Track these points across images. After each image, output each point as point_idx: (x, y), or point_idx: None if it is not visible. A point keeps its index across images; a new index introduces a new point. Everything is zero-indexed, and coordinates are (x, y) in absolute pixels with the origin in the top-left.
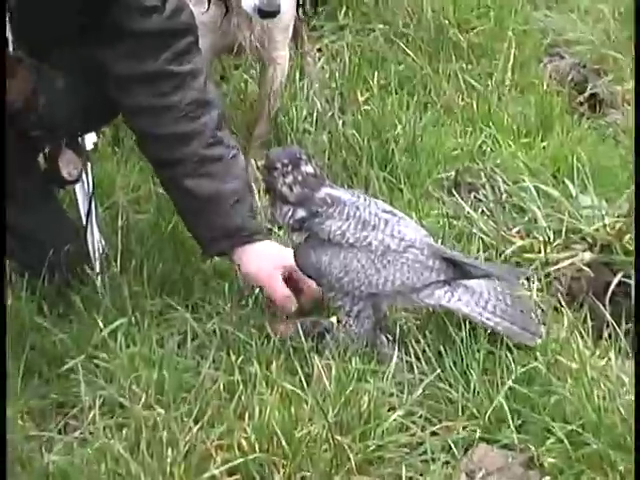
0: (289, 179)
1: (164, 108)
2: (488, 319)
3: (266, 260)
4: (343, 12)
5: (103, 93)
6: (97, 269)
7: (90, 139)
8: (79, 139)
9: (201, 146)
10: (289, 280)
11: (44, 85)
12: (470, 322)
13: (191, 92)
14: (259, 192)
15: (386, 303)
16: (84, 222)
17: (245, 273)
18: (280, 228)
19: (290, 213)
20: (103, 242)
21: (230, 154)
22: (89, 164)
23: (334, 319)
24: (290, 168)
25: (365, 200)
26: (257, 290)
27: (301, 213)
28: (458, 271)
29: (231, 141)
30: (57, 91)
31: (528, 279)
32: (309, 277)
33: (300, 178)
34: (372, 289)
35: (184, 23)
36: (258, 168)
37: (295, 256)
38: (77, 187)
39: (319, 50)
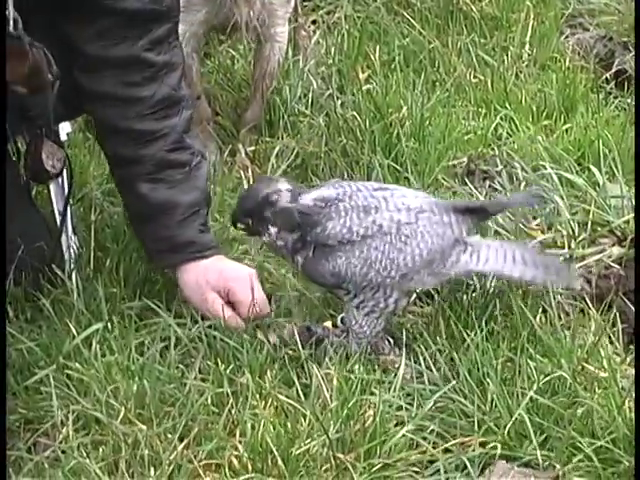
0: (268, 232)
1: (131, 100)
2: (523, 272)
3: (204, 282)
4: None
5: (70, 83)
6: (69, 269)
7: (64, 130)
8: (57, 129)
9: (164, 149)
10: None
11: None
12: (486, 324)
13: (163, 88)
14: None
15: (415, 283)
16: (57, 218)
17: (184, 296)
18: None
19: (285, 241)
20: (76, 239)
21: (194, 161)
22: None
23: (328, 323)
24: (261, 222)
25: (351, 186)
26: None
27: (297, 232)
28: (475, 216)
29: (197, 146)
30: None
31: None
32: (330, 287)
33: (279, 220)
34: (403, 270)
35: (167, 6)
36: (247, 155)
37: (308, 272)
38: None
39: (314, 22)
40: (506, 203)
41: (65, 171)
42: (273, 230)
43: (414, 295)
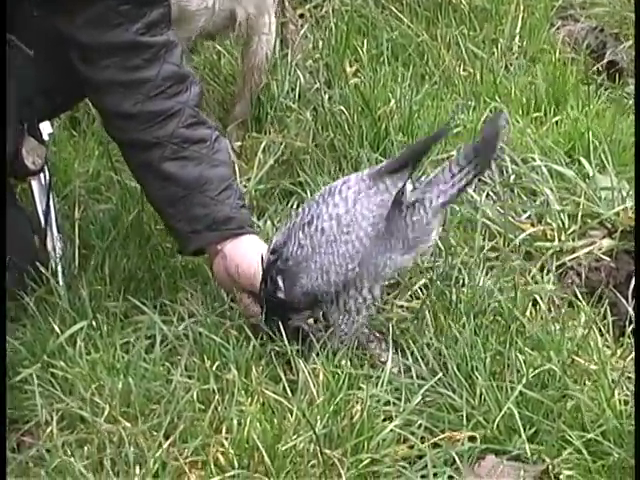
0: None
1: (136, 83)
2: (466, 176)
3: (252, 259)
4: None
5: (68, 71)
6: (53, 267)
7: (45, 130)
8: (39, 125)
9: (181, 125)
10: None
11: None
12: (475, 318)
13: (167, 66)
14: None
15: (389, 268)
16: (41, 216)
17: (226, 271)
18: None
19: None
20: (60, 237)
21: (213, 135)
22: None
23: (311, 319)
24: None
25: (302, 210)
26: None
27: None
28: (409, 166)
29: (211, 122)
30: (19, 66)
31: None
32: (311, 306)
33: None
34: (356, 257)
35: None
36: (234, 150)
37: (289, 281)
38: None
39: (301, 16)
40: (429, 139)
41: (47, 169)
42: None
43: (401, 289)
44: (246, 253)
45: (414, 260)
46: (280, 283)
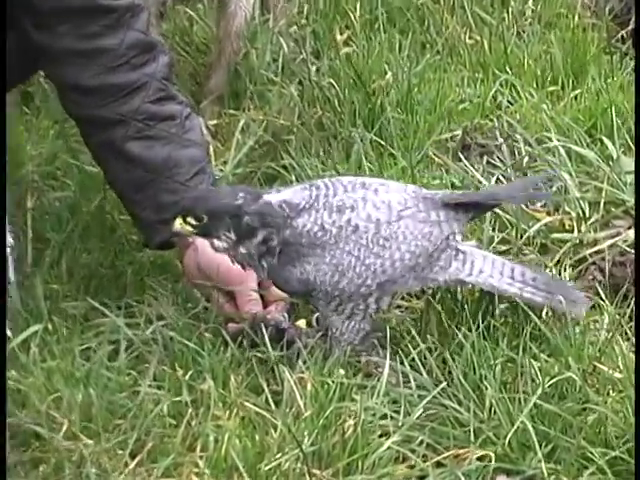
0: (225, 238)
1: (97, 52)
2: (521, 289)
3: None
4: None
5: (21, 41)
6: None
7: None
8: None
9: (148, 100)
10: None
11: None
12: (483, 320)
13: (132, 33)
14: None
15: (397, 287)
16: None
17: (198, 265)
18: None
19: (248, 249)
20: (11, 229)
21: (184, 112)
22: None
23: (302, 322)
24: (218, 224)
25: (327, 186)
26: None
27: (262, 233)
28: (469, 212)
29: (182, 97)
30: None
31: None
32: (299, 295)
33: (241, 227)
34: (380, 277)
35: None
36: (208, 129)
37: (274, 279)
38: None
39: None
40: (504, 195)
41: None
42: (230, 237)
43: None
44: (208, 253)
45: None
46: (276, 253)
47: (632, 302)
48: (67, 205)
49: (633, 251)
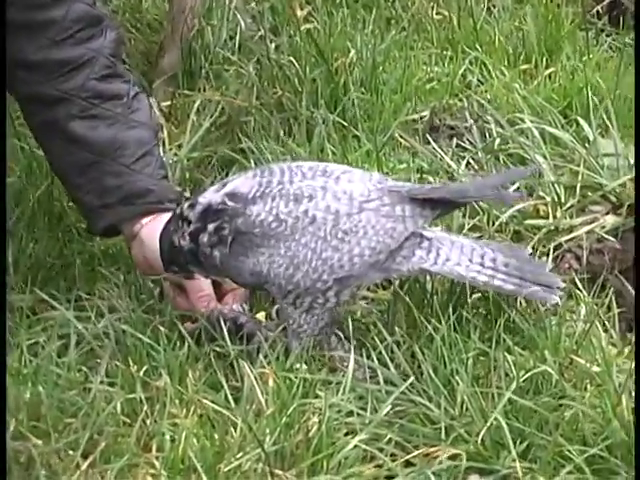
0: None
1: (40, 25)
2: (492, 277)
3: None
4: None
5: None
6: None
7: None
8: None
9: (93, 77)
10: None
11: None
12: (454, 312)
13: (77, 5)
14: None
15: (356, 284)
16: None
17: (144, 257)
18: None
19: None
20: None
21: (132, 91)
22: None
23: (261, 315)
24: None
25: (283, 172)
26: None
27: (212, 225)
28: (437, 208)
29: (130, 75)
30: None
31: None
32: (252, 288)
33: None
34: (337, 273)
35: None
36: (161, 111)
37: (226, 270)
38: None
39: None
40: (474, 193)
41: None
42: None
43: None
44: (155, 240)
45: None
46: (228, 242)
47: (610, 292)
48: (12, 192)
49: (612, 238)
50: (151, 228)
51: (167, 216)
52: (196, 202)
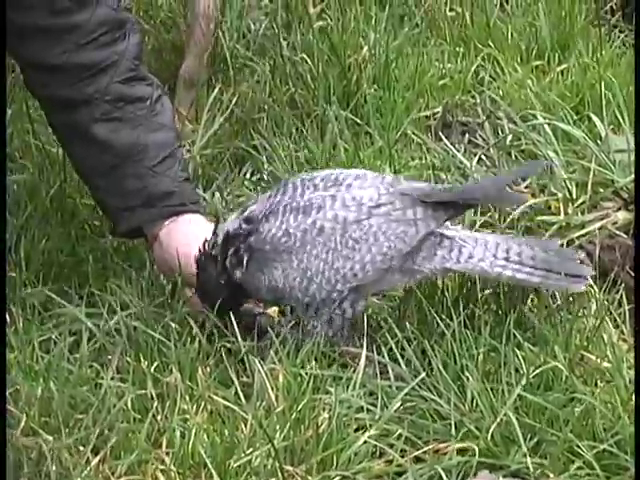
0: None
1: (65, 29)
2: (517, 271)
3: (194, 243)
4: None
5: None
6: None
7: None
8: None
9: (117, 80)
10: None
11: None
12: (465, 308)
13: (101, 9)
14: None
15: (376, 290)
16: None
17: (165, 259)
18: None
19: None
20: None
21: (154, 94)
22: None
23: (274, 311)
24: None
25: (293, 186)
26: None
27: (231, 249)
28: (449, 210)
29: (153, 78)
30: None
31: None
32: (270, 304)
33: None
34: (351, 281)
35: None
36: (178, 113)
37: (247, 290)
38: None
39: None
40: (479, 195)
41: None
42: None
43: None
44: (187, 235)
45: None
46: (244, 261)
47: (621, 288)
48: (25, 188)
49: (623, 234)
50: (172, 230)
51: (189, 217)
52: (216, 234)
